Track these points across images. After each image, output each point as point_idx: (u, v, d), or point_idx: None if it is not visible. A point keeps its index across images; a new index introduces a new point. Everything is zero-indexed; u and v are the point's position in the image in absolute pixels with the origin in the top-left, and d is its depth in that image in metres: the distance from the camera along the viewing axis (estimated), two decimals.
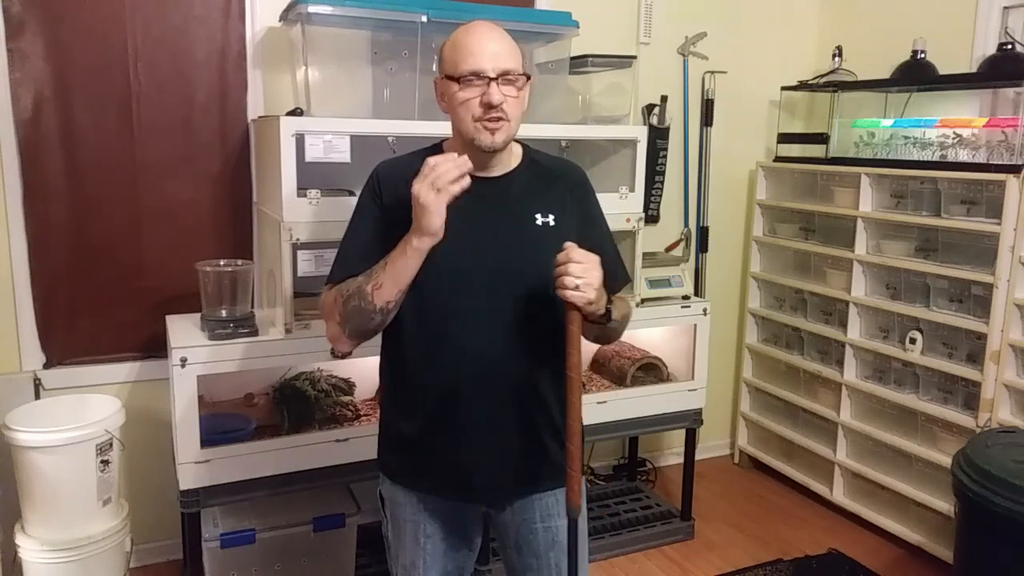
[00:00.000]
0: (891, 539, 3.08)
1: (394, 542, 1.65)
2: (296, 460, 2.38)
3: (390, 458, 1.65)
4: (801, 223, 3.44)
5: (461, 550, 1.66)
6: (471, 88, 1.45)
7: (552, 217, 1.56)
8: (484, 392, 1.52)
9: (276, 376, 2.59)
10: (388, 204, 1.53)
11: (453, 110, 1.49)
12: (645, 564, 2.96)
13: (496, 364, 1.51)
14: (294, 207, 2.28)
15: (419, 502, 1.60)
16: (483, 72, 1.44)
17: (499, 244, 1.52)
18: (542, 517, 1.61)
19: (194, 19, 2.65)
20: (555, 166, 1.66)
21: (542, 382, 1.56)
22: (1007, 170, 2.61)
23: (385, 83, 2.59)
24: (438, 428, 1.55)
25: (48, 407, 2.46)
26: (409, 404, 1.57)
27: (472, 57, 1.44)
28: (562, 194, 1.61)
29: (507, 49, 1.47)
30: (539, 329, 1.52)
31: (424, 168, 1.37)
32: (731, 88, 3.55)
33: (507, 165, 1.57)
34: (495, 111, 1.44)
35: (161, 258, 2.70)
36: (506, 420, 1.54)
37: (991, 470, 2.18)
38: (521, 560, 1.64)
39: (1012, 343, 2.64)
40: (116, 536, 2.41)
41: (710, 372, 3.11)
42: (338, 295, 1.49)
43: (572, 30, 2.69)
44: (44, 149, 2.53)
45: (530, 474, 1.59)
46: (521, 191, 1.57)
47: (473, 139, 1.47)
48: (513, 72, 1.46)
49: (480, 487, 1.58)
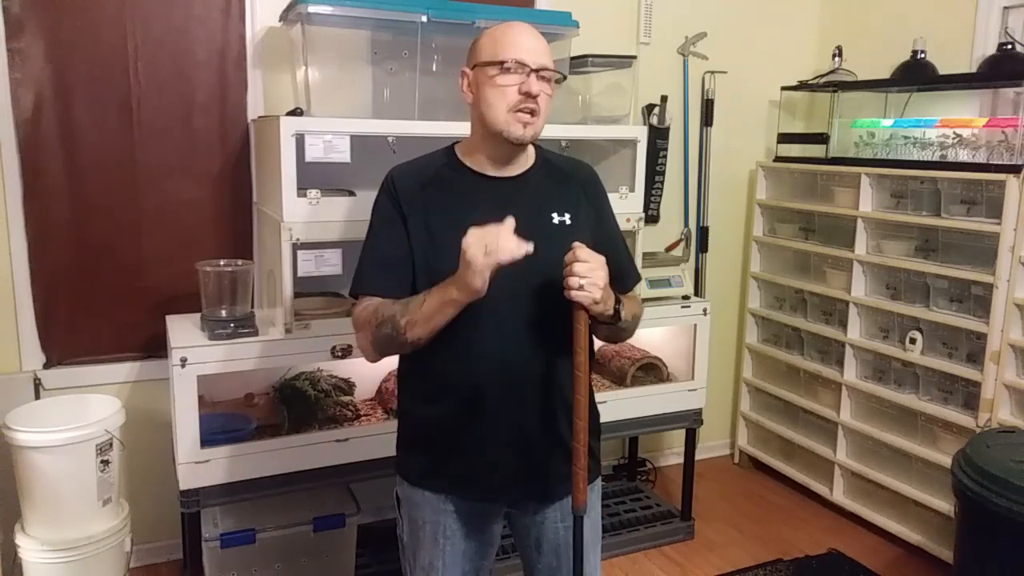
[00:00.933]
0: (891, 539, 3.08)
1: (411, 542, 1.64)
2: (296, 460, 2.38)
3: (411, 460, 1.64)
4: (801, 223, 3.44)
5: (479, 550, 1.65)
6: (510, 76, 1.47)
7: (568, 216, 1.58)
8: (508, 393, 1.52)
9: (276, 376, 2.59)
10: (407, 207, 1.53)
11: (485, 99, 1.49)
12: (645, 564, 2.96)
13: (520, 365, 1.52)
14: (294, 207, 2.28)
15: (440, 503, 1.60)
16: (525, 61, 1.46)
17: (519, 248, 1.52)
18: (563, 516, 1.62)
19: (194, 19, 2.65)
20: (567, 165, 1.67)
21: (565, 382, 1.57)
22: (1007, 170, 2.61)
23: (385, 83, 2.59)
24: (462, 430, 1.55)
25: (48, 407, 2.46)
26: (432, 405, 1.57)
27: (514, 48, 1.47)
28: (576, 193, 1.62)
29: (545, 48, 1.52)
30: (561, 329, 1.53)
31: (487, 229, 1.34)
32: (731, 88, 3.55)
33: (523, 165, 1.58)
34: (531, 102, 1.46)
35: (161, 258, 2.70)
36: (530, 421, 1.55)
37: (991, 470, 2.18)
38: (542, 558, 1.65)
39: (1012, 343, 2.64)
40: (116, 536, 2.41)
41: (710, 372, 3.11)
42: (373, 317, 1.49)
43: (572, 30, 2.69)
44: (44, 149, 2.53)
45: (554, 475, 1.59)
46: (538, 190, 1.58)
47: (503, 131, 1.48)
48: (550, 68, 1.49)
49: (503, 488, 1.59)
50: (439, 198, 1.54)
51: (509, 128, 1.47)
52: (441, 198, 1.54)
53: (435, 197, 1.54)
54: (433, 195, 1.54)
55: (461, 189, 1.55)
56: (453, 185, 1.56)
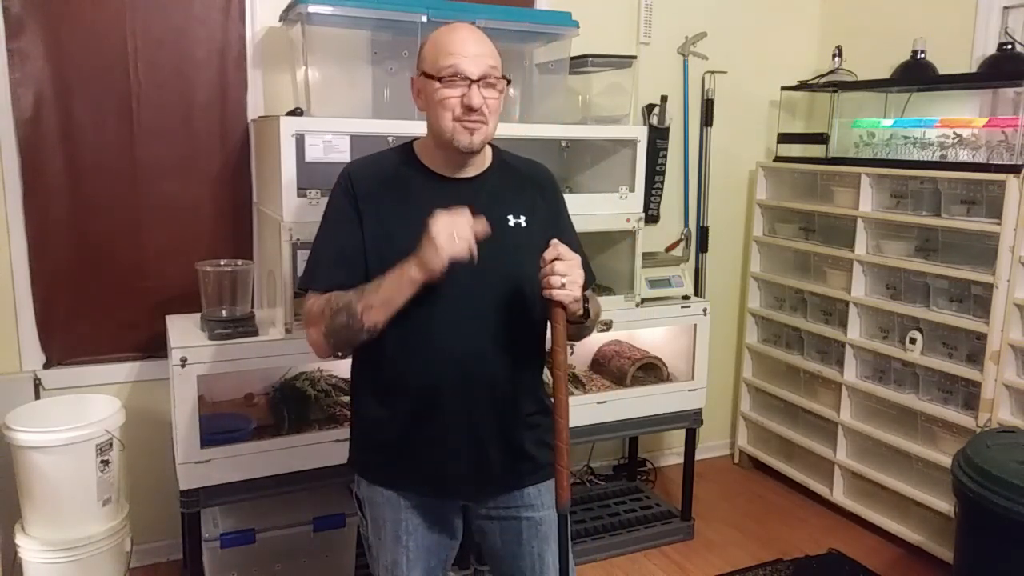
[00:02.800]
0: (891, 539, 3.07)
1: (374, 542, 1.65)
2: (296, 460, 2.38)
3: (366, 458, 1.65)
4: (801, 223, 3.44)
5: (443, 544, 1.66)
6: (452, 87, 1.46)
7: (524, 219, 1.58)
8: (463, 392, 1.53)
9: (276, 376, 2.59)
10: (363, 204, 1.53)
11: (431, 108, 1.50)
12: (645, 564, 2.96)
13: (474, 364, 1.52)
14: (294, 207, 2.28)
15: (398, 500, 1.60)
16: (465, 73, 1.45)
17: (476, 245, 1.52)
18: (524, 508, 1.63)
19: (194, 19, 2.65)
20: (524, 167, 1.68)
21: (520, 382, 1.59)
22: (1007, 170, 2.61)
23: (385, 83, 2.59)
24: (417, 428, 1.55)
25: (48, 407, 2.46)
26: (387, 404, 1.57)
27: (454, 57, 1.46)
28: (533, 195, 1.62)
29: (488, 51, 1.49)
30: (515, 329, 1.55)
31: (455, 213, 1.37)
32: (731, 88, 3.55)
33: (480, 166, 1.59)
34: (475, 113, 1.46)
35: (161, 258, 2.70)
36: (485, 420, 1.55)
37: (991, 470, 2.18)
38: (505, 548, 1.65)
39: (1012, 343, 2.64)
40: (116, 536, 2.41)
41: (710, 372, 3.11)
42: (326, 307, 1.49)
43: (572, 30, 2.69)
44: (44, 149, 2.53)
45: (510, 472, 1.60)
46: (494, 192, 1.58)
47: (451, 139, 1.48)
48: (494, 75, 1.48)
49: (460, 485, 1.59)
50: (395, 197, 1.54)
51: (456, 137, 1.47)
52: (397, 197, 1.54)
53: (391, 196, 1.54)
54: (390, 193, 1.54)
55: (418, 189, 1.55)
56: (410, 185, 1.56)
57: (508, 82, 1.52)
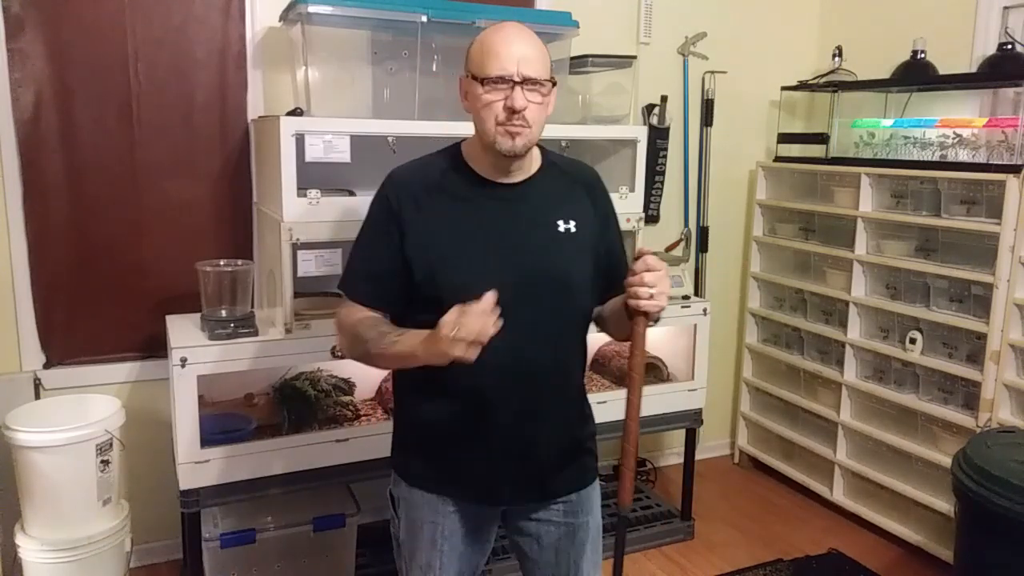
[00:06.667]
0: (891, 539, 3.08)
1: (408, 542, 1.64)
2: (296, 460, 2.38)
3: (409, 461, 1.63)
4: (801, 223, 3.44)
5: (476, 550, 1.66)
6: (495, 91, 1.43)
7: (573, 224, 1.57)
8: (511, 398, 1.52)
9: (276, 376, 2.59)
10: (405, 214, 1.51)
11: (476, 111, 1.47)
12: (645, 564, 2.96)
13: (523, 371, 1.52)
14: (294, 207, 2.28)
15: (438, 504, 1.59)
16: (508, 76, 1.42)
17: (525, 252, 1.52)
18: (564, 514, 1.63)
19: (194, 19, 2.65)
20: (572, 168, 1.66)
21: (568, 388, 1.60)
22: (1007, 170, 2.61)
23: (385, 83, 2.59)
24: (464, 432, 1.55)
25: (48, 407, 2.46)
26: (434, 409, 1.56)
27: (498, 60, 1.42)
28: (582, 198, 1.61)
29: (535, 53, 1.45)
30: (563, 334, 1.55)
31: (468, 310, 1.30)
32: (731, 88, 3.55)
33: (527, 170, 1.56)
34: (517, 117, 1.43)
35: (161, 258, 2.70)
36: (532, 426, 1.55)
37: (991, 470, 2.18)
38: (542, 555, 1.65)
39: (1012, 343, 2.64)
40: (116, 536, 2.41)
41: (710, 372, 3.11)
42: (352, 330, 1.50)
43: (572, 30, 2.69)
44: (44, 149, 2.53)
45: (554, 477, 1.60)
46: (543, 197, 1.57)
47: (494, 143, 1.46)
48: (539, 78, 1.44)
49: (505, 493, 1.59)
50: (442, 204, 1.51)
51: (499, 140, 1.45)
52: (444, 205, 1.52)
53: (437, 203, 1.51)
54: (435, 201, 1.51)
55: (465, 197, 1.52)
56: (457, 192, 1.53)
57: (554, 84, 1.49)
